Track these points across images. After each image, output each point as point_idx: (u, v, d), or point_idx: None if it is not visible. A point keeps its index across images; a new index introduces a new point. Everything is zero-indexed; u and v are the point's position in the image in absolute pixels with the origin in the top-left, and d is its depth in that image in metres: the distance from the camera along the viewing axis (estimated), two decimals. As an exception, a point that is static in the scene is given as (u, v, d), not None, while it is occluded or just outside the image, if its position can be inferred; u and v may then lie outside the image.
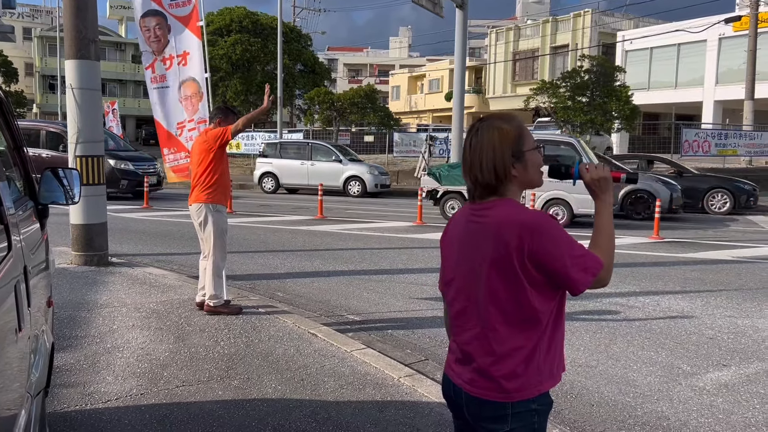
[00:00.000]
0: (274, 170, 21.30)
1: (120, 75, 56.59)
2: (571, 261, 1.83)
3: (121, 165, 17.10)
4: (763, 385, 4.63)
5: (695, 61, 33.29)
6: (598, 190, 2.00)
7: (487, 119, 1.99)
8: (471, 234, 1.96)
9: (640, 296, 7.27)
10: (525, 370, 1.89)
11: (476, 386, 1.94)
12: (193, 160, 5.89)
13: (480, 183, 1.94)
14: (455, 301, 2.02)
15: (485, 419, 1.93)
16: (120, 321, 5.55)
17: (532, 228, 1.84)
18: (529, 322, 1.89)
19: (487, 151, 1.92)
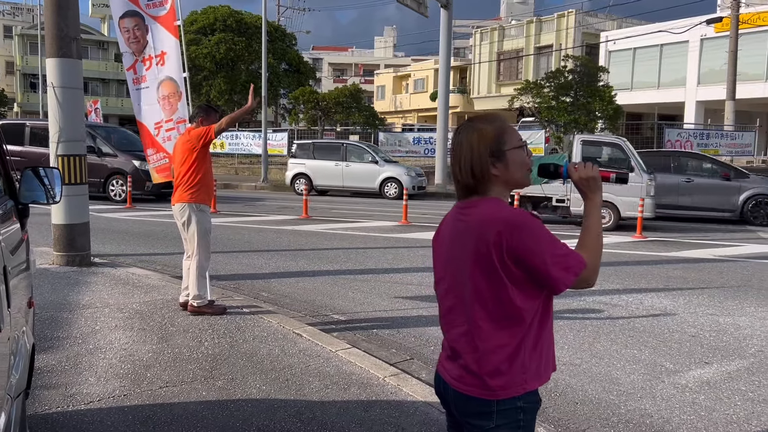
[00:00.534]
0: (307, 171, 20.56)
1: (103, 74, 56.11)
2: (552, 259, 1.84)
3: (145, 166, 16.78)
4: (745, 383, 4.68)
5: (677, 61, 33.59)
6: (587, 190, 2.02)
7: (470, 120, 2.03)
8: (457, 233, 1.98)
9: (623, 294, 7.33)
10: (509, 368, 1.89)
11: (463, 383, 1.95)
12: (176, 160, 5.85)
13: (460, 182, 1.98)
14: (445, 298, 2.04)
15: (471, 415, 1.95)
16: (103, 322, 5.50)
17: (512, 225, 1.85)
18: (512, 320, 1.89)
19: (465, 151, 1.95)
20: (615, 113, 24.78)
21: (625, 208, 12.58)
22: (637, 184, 12.37)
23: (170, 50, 7.16)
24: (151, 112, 7.29)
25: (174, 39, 7.17)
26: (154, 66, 7.20)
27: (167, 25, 7.17)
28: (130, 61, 7.38)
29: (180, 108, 7.14)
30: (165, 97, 7.17)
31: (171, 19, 7.17)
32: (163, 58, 7.16)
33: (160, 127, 7.26)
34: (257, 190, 23.24)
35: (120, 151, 16.87)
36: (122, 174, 16.43)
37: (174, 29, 7.16)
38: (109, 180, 16.63)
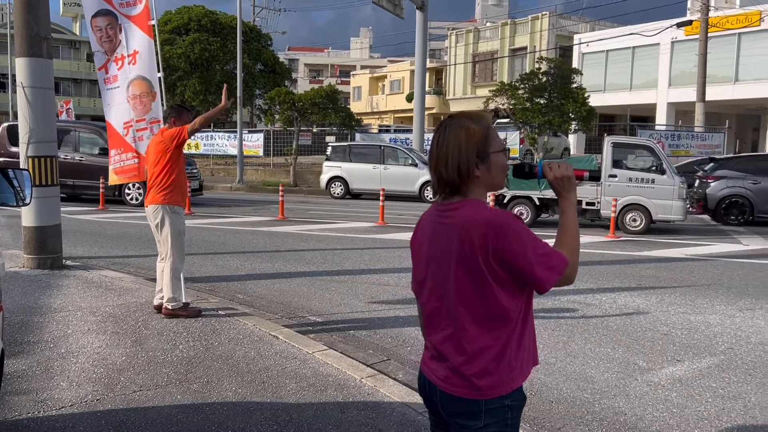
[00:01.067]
0: (343, 174, 20.24)
1: (74, 74, 55.31)
2: (536, 259, 1.85)
3: None
4: (715, 379, 4.76)
5: (649, 64, 34.06)
6: (562, 189, 2.02)
7: (456, 117, 1.99)
8: (438, 234, 1.97)
9: (597, 294, 7.41)
10: (497, 368, 1.91)
11: (450, 384, 1.95)
12: (150, 161, 5.79)
13: (444, 180, 1.95)
14: (428, 301, 2.03)
15: (459, 415, 1.95)
16: (75, 325, 5.42)
17: (497, 226, 1.85)
18: (498, 321, 1.90)
19: (453, 149, 1.92)
20: (588, 115, 25.03)
21: (657, 211, 12.49)
22: (669, 187, 12.36)
23: (143, 49, 7.07)
24: (120, 111, 7.18)
25: (148, 38, 7.08)
26: (126, 65, 7.11)
27: (141, 24, 7.08)
28: (102, 60, 7.28)
29: (154, 108, 7.06)
30: (136, 97, 7.07)
31: (145, 18, 7.08)
32: (135, 57, 7.07)
33: (129, 126, 7.15)
34: (233, 191, 23.09)
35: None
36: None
37: (148, 28, 7.07)
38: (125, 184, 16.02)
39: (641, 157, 13.19)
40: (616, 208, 12.49)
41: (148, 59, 7.06)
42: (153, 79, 7.06)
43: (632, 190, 12.55)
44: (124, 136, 7.19)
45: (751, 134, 33.93)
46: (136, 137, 7.15)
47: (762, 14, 28.84)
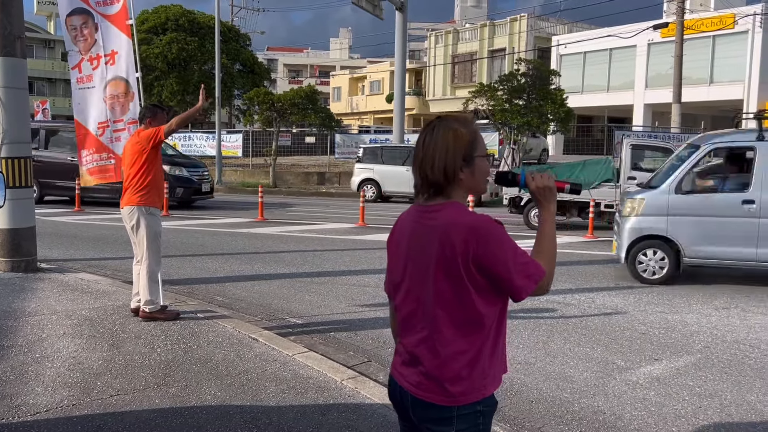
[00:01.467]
0: (375, 177, 19.74)
1: (49, 73, 54.56)
2: (515, 267, 1.85)
3: (176, 171, 15.77)
4: (692, 378, 4.82)
5: (626, 65, 34.44)
6: (543, 199, 2.03)
7: (444, 119, 1.99)
8: (418, 236, 1.96)
9: (576, 294, 7.46)
10: (470, 374, 1.90)
11: (422, 389, 1.94)
12: (126, 162, 5.73)
13: (429, 181, 1.94)
14: (404, 303, 2.01)
15: (431, 421, 1.93)
16: (50, 329, 5.33)
17: (479, 231, 1.85)
18: (473, 326, 1.90)
19: (440, 150, 1.92)
20: (566, 116, 25.23)
21: None
22: None
23: (121, 49, 6.99)
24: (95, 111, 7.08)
25: (126, 38, 7.00)
26: (103, 65, 7.01)
27: (118, 24, 6.99)
28: (76, 59, 7.17)
29: (132, 108, 6.98)
30: (114, 97, 6.98)
31: (123, 17, 7.00)
32: (113, 57, 6.98)
33: (105, 127, 7.05)
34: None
35: None
36: None
37: (126, 28, 6.99)
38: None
39: (660, 158, 12.98)
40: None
41: (126, 59, 6.98)
42: (131, 79, 6.98)
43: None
44: (99, 137, 7.09)
45: (725, 135, 34.42)
46: (113, 138, 7.06)
47: (736, 17, 29.30)
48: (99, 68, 7.04)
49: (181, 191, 15.72)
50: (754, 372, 4.99)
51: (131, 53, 6.97)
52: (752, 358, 5.30)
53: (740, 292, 7.73)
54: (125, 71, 6.98)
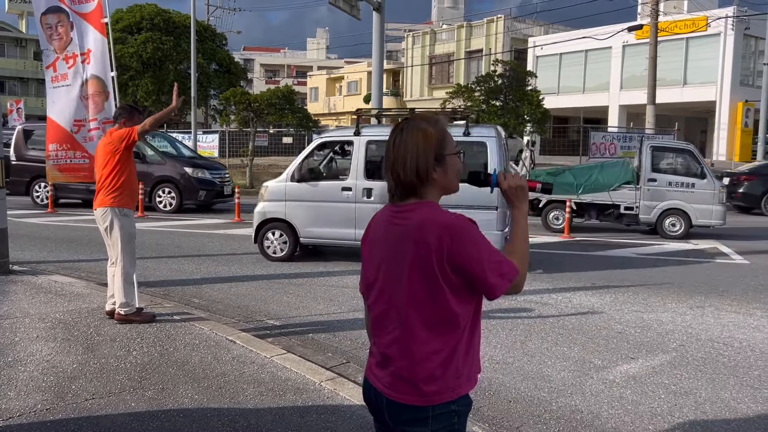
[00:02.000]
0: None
1: (21, 72, 53.67)
2: (489, 265, 1.85)
3: (198, 174, 15.36)
4: (668, 376, 4.88)
5: (601, 67, 34.84)
6: (515, 199, 2.03)
7: (412, 120, 1.99)
8: (392, 236, 1.95)
9: (553, 294, 7.52)
10: (444, 373, 1.89)
11: (396, 390, 1.93)
12: (98, 163, 5.65)
13: (402, 182, 1.94)
14: (376, 303, 2.01)
15: (405, 423, 1.93)
16: (23, 332, 5.24)
17: (452, 230, 1.84)
18: (447, 325, 1.89)
19: (411, 151, 1.91)
20: (543, 117, 25.47)
21: (697, 216, 12.27)
22: (709, 192, 12.25)
23: (97, 48, 6.90)
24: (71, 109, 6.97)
25: (101, 36, 6.90)
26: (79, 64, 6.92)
27: (94, 22, 6.90)
28: (51, 58, 7.07)
29: (106, 107, 6.89)
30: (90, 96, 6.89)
31: (98, 16, 6.91)
32: (89, 56, 6.89)
33: (81, 125, 6.96)
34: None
35: (167, 157, 15.58)
36: (171, 182, 15.13)
37: (101, 26, 6.90)
38: (156, 189, 15.22)
39: (681, 161, 13.02)
40: (655, 213, 12.38)
41: (101, 58, 6.89)
42: (106, 78, 6.89)
43: (672, 195, 12.37)
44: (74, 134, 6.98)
45: (699, 136, 34.97)
46: (87, 137, 6.96)
47: (708, 20, 29.77)
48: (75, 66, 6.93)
49: (203, 194, 15.28)
50: (727, 370, 5.06)
51: (106, 52, 6.88)
52: (726, 356, 5.39)
53: (714, 291, 7.85)
54: (101, 70, 6.89)
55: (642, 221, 12.70)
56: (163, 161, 15.44)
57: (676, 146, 14.02)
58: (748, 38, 31.56)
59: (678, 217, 12.42)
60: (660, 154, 12.99)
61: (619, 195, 12.69)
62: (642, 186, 12.54)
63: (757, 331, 6.14)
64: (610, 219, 13.01)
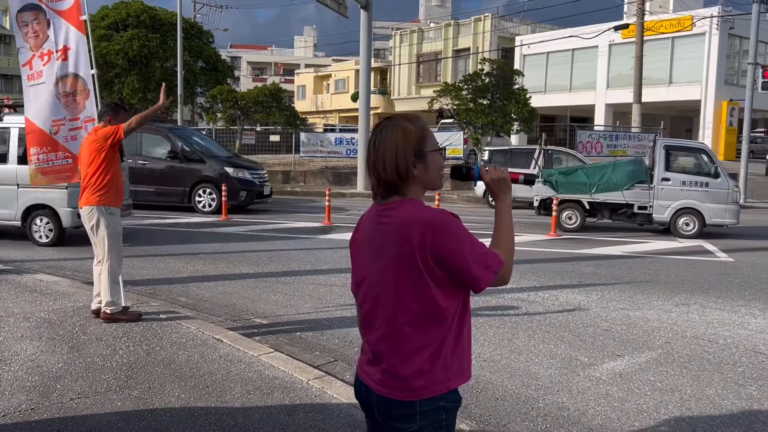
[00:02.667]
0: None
1: (5, 69, 53.12)
2: (473, 258, 1.87)
3: (238, 174, 14.96)
4: (654, 373, 4.91)
5: (588, 66, 35.01)
6: (498, 191, 2.06)
7: (392, 119, 2.02)
8: (378, 235, 1.97)
9: (539, 291, 7.55)
10: (431, 368, 1.91)
11: (385, 386, 1.95)
12: (83, 161, 5.61)
13: (383, 181, 1.96)
14: (365, 301, 2.03)
15: (394, 419, 1.94)
16: (7, 332, 5.19)
17: (434, 225, 1.87)
18: (433, 320, 1.91)
19: (390, 149, 1.94)
20: (530, 115, 25.54)
21: (711, 215, 12.24)
22: (723, 191, 12.22)
23: (75, 45, 6.80)
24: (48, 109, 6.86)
25: (80, 34, 6.82)
26: (54, 61, 6.81)
27: (71, 20, 6.80)
28: (27, 56, 6.95)
29: (88, 106, 6.81)
30: (69, 95, 6.79)
31: (75, 13, 6.82)
32: (66, 53, 6.79)
33: (60, 125, 6.85)
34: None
35: (208, 157, 15.16)
36: (212, 182, 14.65)
37: (79, 24, 6.81)
38: (196, 189, 14.82)
39: (695, 160, 13.01)
40: (668, 212, 12.35)
41: (80, 56, 6.80)
42: (86, 76, 6.81)
43: (686, 194, 12.32)
44: (53, 135, 6.88)
45: (684, 135, 35.24)
46: (69, 137, 6.86)
47: (694, 19, 30.00)
48: (50, 63, 6.83)
49: (244, 194, 14.93)
50: (712, 366, 5.11)
51: (86, 50, 6.80)
52: (711, 353, 5.43)
53: (699, 289, 7.91)
54: (79, 68, 6.80)
55: (655, 221, 12.67)
56: (203, 161, 15.02)
57: (690, 145, 14.01)
58: (732, 38, 31.84)
59: (691, 216, 12.36)
60: (673, 154, 12.94)
61: (632, 194, 12.64)
62: (655, 185, 12.49)
63: (741, 328, 6.20)
64: (623, 218, 12.98)
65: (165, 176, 14.86)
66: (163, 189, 14.96)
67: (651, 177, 12.57)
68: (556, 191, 12.91)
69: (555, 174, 13.24)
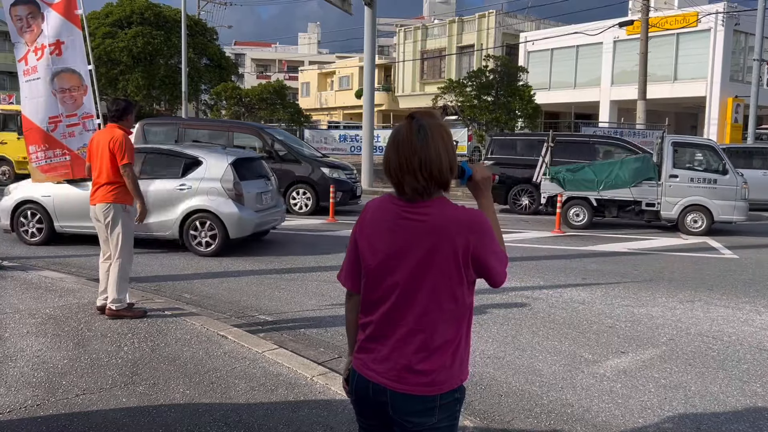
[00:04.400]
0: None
1: (11, 67, 53.16)
2: (498, 256, 1.97)
3: (334, 174, 14.54)
4: (658, 370, 4.91)
5: (592, 62, 34.86)
6: (485, 189, 2.13)
7: (425, 116, 1.97)
8: (407, 231, 1.95)
9: (544, 288, 7.54)
10: (452, 363, 1.97)
11: (406, 383, 1.96)
12: (96, 155, 5.59)
13: (436, 181, 1.94)
14: (386, 298, 2.00)
15: (413, 413, 1.96)
16: (13, 328, 5.21)
17: (476, 227, 1.92)
18: (461, 317, 1.98)
19: (443, 149, 1.95)
20: (534, 112, 25.52)
21: (719, 212, 12.16)
22: (731, 187, 12.15)
23: (69, 40, 6.74)
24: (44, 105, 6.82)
25: (75, 28, 6.76)
26: (47, 55, 6.76)
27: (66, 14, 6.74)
28: (23, 51, 6.92)
29: (86, 102, 6.76)
30: (65, 90, 6.74)
31: (71, 7, 6.76)
32: (59, 47, 6.73)
33: (58, 122, 6.82)
34: (178, 188, 22.59)
35: (301, 156, 14.78)
36: (307, 183, 14.28)
37: (74, 18, 6.76)
38: (290, 190, 14.38)
39: (703, 156, 12.92)
40: (676, 209, 12.29)
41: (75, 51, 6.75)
42: (83, 72, 6.77)
43: (694, 191, 12.27)
44: (51, 132, 6.84)
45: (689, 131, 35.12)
46: (66, 133, 6.83)
47: (699, 15, 29.87)
48: (43, 58, 6.78)
49: (340, 195, 14.49)
50: (717, 363, 5.10)
51: (82, 45, 6.75)
52: (715, 350, 5.43)
53: (703, 286, 7.90)
54: (78, 63, 6.76)
55: (663, 218, 12.62)
56: (298, 161, 14.59)
57: (698, 142, 13.93)
58: (738, 34, 31.68)
59: (700, 213, 12.30)
60: (681, 150, 12.87)
61: (640, 191, 12.59)
62: (663, 182, 12.44)
63: (746, 325, 6.19)
64: (631, 215, 12.93)
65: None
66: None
67: (659, 174, 12.53)
68: (563, 188, 12.88)
69: (562, 171, 13.20)
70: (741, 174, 12.63)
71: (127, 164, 5.48)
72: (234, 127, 15.72)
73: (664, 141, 12.77)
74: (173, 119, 18.96)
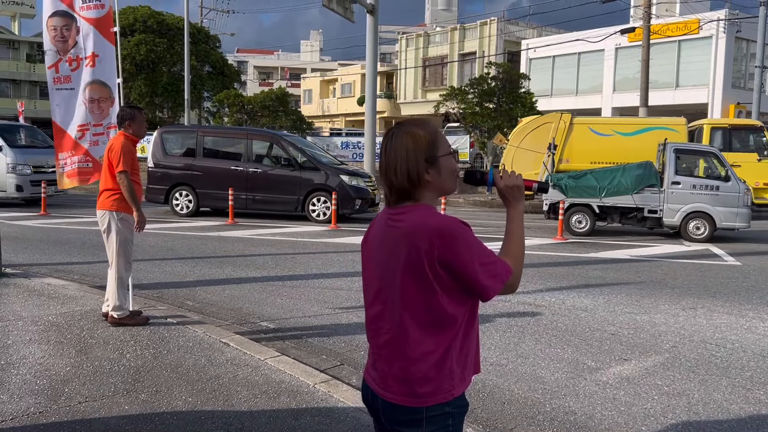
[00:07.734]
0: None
1: (14, 74, 53.42)
2: (481, 267, 1.86)
3: (353, 182, 14.47)
4: (661, 377, 4.89)
5: (594, 69, 34.92)
6: (511, 198, 2.05)
7: (402, 124, 2.00)
8: (387, 239, 1.97)
9: (546, 295, 7.54)
10: (437, 374, 1.90)
11: (391, 391, 1.94)
12: (104, 164, 5.66)
13: (395, 187, 1.95)
14: (372, 305, 2.03)
15: (401, 423, 1.94)
16: (15, 335, 5.22)
17: (444, 233, 1.86)
18: (440, 326, 1.90)
19: (400, 155, 1.93)
20: (536, 119, 25.50)
21: (721, 219, 12.13)
22: (734, 194, 12.10)
23: (103, 54, 6.90)
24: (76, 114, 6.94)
25: (109, 44, 6.92)
26: (83, 67, 6.90)
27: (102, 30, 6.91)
28: (54, 59, 7.02)
29: (111, 113, 6.91)
30: (95, 101, 6.88)
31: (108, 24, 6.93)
32: (93, 60, 6.88)
33: (86, 130, 6.93)
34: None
35: (320, 164, 14.73)
36: (326, 190, 14.16)
37: (110, 35, 6.92)
38: (309, 197, 14.39)
39: (705, 163, 12.79)
40: (678, 216, 12.26)
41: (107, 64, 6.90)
42: (113, 84, 6.91)
43: (696, 198, 12.22)
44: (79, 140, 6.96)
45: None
46: (91, 141, 6.95)
47: (700, 22, 29.92)
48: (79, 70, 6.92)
49: (359, 202, 14.51)
50: (720, 371, 5.09)
51: (114, 59, 6.90)
52: (718, 357, 5.41)
53: (706, 293, 7.88)
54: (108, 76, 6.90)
55: (666, 224, 12.59)
56: (317, 168, 14.54)
57: (700, 149, 13.91)
58: (739, 41, 31.72)
59: (702, 220, 12.26)
60: (684, 157, 12.85)
61: (642, 198, 12.56)
62: (666, 189, 12.42)
63: (749, 332, 6.18)
64: (633, 222, 12.90)
65: (277, 183, 14.47)
66: (275, 197, 14.55)
67: (661, 181, 12.52)
68: (565, 195, 12.86)
69: (564, 178, 13.19)
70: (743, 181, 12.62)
71: (122, 171, 5.48)
72: (252, 135, 15.73)
73: (667, 148, 12.76)
74: (191, 127, 18.98)
